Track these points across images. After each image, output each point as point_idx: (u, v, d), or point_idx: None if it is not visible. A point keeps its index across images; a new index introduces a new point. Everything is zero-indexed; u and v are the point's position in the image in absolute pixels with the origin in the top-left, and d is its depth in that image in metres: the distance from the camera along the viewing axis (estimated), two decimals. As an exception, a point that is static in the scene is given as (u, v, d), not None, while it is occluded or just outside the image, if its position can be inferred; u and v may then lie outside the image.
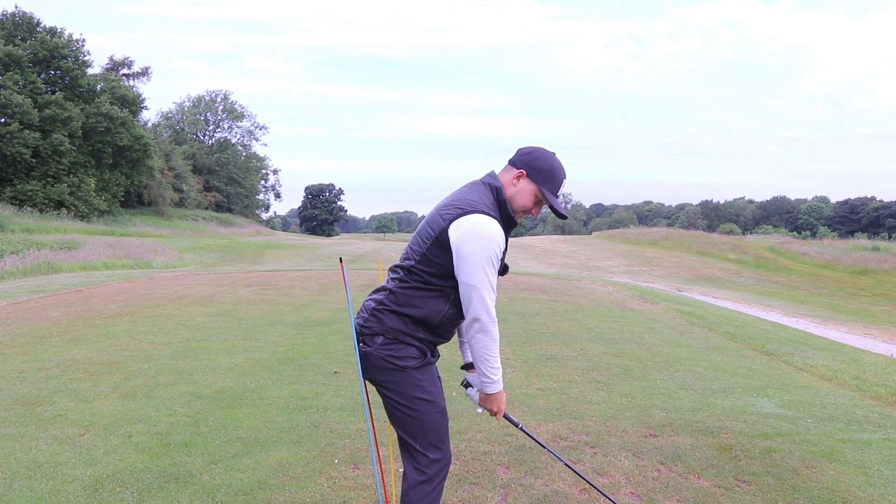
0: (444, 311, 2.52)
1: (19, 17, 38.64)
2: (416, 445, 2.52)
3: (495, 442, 4.30)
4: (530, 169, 2.53)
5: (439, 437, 2.54)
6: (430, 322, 2.53)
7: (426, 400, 2.53)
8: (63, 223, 31.44)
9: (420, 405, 2.52)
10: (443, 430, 2.56)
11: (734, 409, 5.24)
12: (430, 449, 2.52)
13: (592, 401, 5.33)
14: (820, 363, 7.38)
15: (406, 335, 2.53)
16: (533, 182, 2.53)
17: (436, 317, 2.52)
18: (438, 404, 2.55)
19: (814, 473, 3.89)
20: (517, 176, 2.54)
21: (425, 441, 2.52)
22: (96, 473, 3.73)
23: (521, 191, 2.54)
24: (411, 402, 2.52)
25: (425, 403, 2.52)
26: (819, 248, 38.06)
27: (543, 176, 2.53)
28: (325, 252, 32.78)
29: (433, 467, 2.51)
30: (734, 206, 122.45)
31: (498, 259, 2.43)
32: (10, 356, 6.72)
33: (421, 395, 2.52)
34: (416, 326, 2.53)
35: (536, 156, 2.55)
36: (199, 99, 67.55)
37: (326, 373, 6.08)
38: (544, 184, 2.53)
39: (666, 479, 3.79)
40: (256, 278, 15.29)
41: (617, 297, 13.63)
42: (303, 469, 3.83)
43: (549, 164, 2.54)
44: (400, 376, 2.52)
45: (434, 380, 2.59)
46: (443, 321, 2.54)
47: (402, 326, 2.53)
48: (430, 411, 2.52)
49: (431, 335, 2.57)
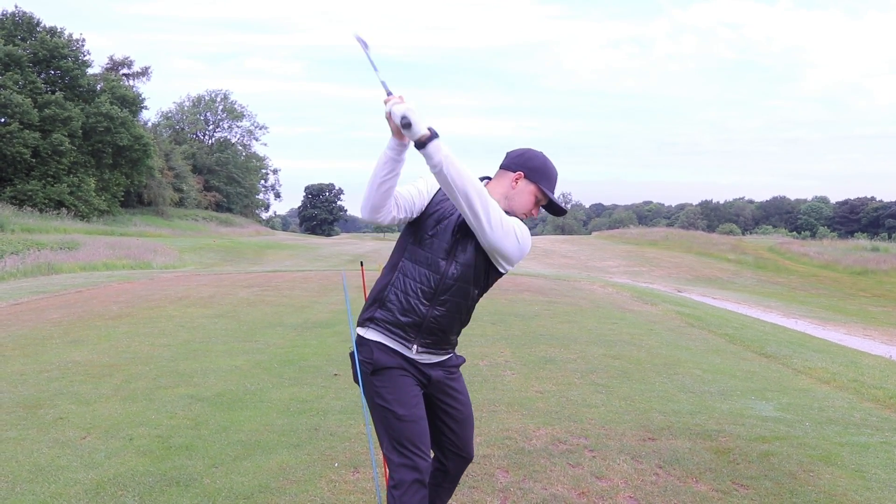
0: (390, 280, 2.52)
1: (19, 17, 38.66)
2: (383, 447, 2.52)
3: (494, 445, 4.32)
4: (526, 169, 2.56)
5: (401, 443, 2.44)
6: (380, 297, 2.53)
7: (383, 407, 2.49)
8: (63, 223, 31.46)
9: (379, 411, 2.51)
10: (406, 436, 2.45)
11: (732, 412, 5.26)
12: (392, 453, 2.46)
13: (591, 404, 5.36)
14: (818, 365, 7.40)
15: (364, 321, 2.56)
16: (531, 182, 2.56)
17: (384, 289, 2.53)
18: (395, 412, 2.46)
19: (811, 477, 3.91)
20: (515, 178, 2.56)
21: (388, 445, 2.48)
22: (98, 477, 3.75)
23: (520, 192, 2.57)
24: (373, 408, 2.54)
25: (382, 410, 2.49)
26: (819, 248, 38.10)
27: (540, 174, 2.57)
28: (325, 252, 32.81)
29: (399, 472, 2.42)
30: (734, 206, 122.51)
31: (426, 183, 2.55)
32: (12, 358, 6.74)
33: (380, 402, 2.50)
34: (372, 307, 2.55)
35: (529, 156, 2.59)
36: (199, 99, 67.59)
37: (326, 375, 6.10)
38: (542, 181, 2.57)
39: (664, 483, 3.81)
40: (256, 279, 15.32)
41: (616, 298, 13.66)
42: (303, 473, 3.85)
43: (542, 162, 2.59)
44: (365, 381, 2.54)
45: (393, 385, 2.50)
46: (391, 293, 2.51)
47: (363, 312, 2.58)
48: (386, 417, 2.48)
49: (385, 312, 2.51)
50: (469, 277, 2.51)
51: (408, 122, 2.18)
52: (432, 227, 2.49)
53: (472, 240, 2.47)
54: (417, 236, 2.51)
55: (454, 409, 2.68)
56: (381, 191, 2.33)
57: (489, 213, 2.35)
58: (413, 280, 2.49)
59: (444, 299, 2.49)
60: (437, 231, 2.49)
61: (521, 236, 2.48)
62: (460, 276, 2.49)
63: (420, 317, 2.49)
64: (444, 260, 2.48)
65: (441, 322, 2.52)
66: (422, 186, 2.52)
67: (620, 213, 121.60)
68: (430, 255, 2.48)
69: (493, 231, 2.37)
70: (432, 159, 2.22)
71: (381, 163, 2.31)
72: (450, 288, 2.49)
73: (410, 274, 2.50)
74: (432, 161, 2.23)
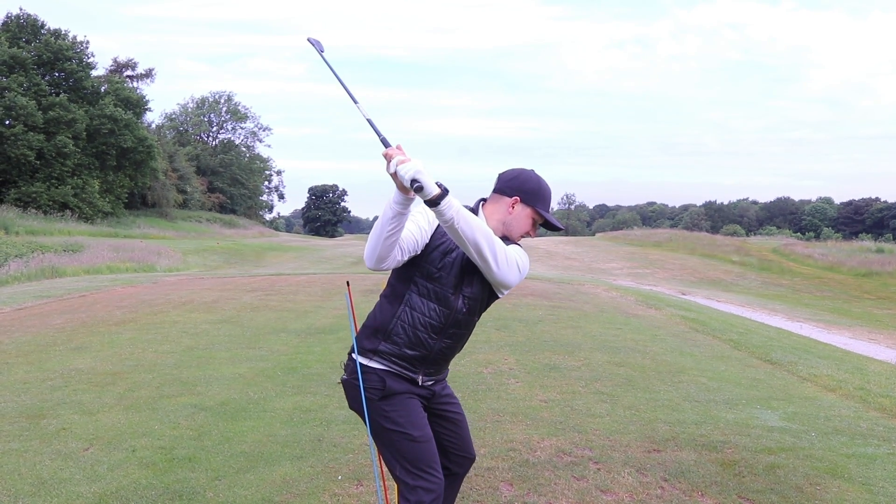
0: (396, 313, 2.49)
1: (24, 20, 38.76)
2: (395, 472, 2.51)
3: (498, 457, 4.29)
4: (522, 193, 2.57)
5: (416, 465, 2.47)
6: (385, 329, 2.51)
7: (395, 431, 2.49)
8: (67, 225, 31.55)
9: (389, 435, 2.50)
10: (419, 457, 2.48)
11: (738, 422, 5.23)
12: (407, 476, 2.47)
13: (596, 413, 5.33)
14: (824, 372, 7.36)
15: (366, 352, 2.52)
16: (528, 206, 2.57)
17: (389, 321, 2.50)
18: (410, 434, 2.48)
19: (818, 491, 3.88)
20: (511, 203, 2.57)
21: (401, 469, 2.49)
22: (100, 490, 3.74)
23: (517, 216, 2.58)
24: (381, 433, 2.52)
25: (393, 434, 2.49)
26: (823, 249, 37.91)
27: (536, 197, 2.58)
28: (329, 254, 32.81)
29: (415, 494, 2.45)
30: (738, 207, 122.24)
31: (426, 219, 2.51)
32: (15, 365, 6.74)
33: (390, 425, 2.49)
34: (374, 339, 2.52)
35: (523, 178, 2.58)
36: (203, 100, 67.68)
37: (330, 383, 6.08)
38: (538, 204, 2.58)
39: (669, 497, 3.79)
40: (260, 283, 15.31)
41: (620, 302, 13.62)
42: (306, 485, 3.83)
43: (537, 183, 2.59)
44: (370, 406, 2.51)
45: (404, 409, 2.52)
46: (397, 327, 2.49)
47: (363, 342, 2.54)
48: (399, 440, 2.49)
49: (391, 346, 2.50)
50: (475, 309, 2.57)
51: (419, 185, 2.18)
52: (439, 261, 2.48)
53: (477, 273, 2.48)
54: (424, 270, 2.49)
55: (452, 412, 2.74)
56: (388, 243, 2.33)
57: (496, 254, 2.37)
58: (422, 314, 2.49)
59: (451, 332, 2.53)
60: (444, 265, 2.48)
61: (522, 266, 2.52)
62: (469, 310, 2.53)
63: (428, 350, 2.52)
64: (453, 294, 2.49)
65: (446, 353, 2.58)
66: (422, 222, 2.48)
67: (624, 215, 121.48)
68: (439, 289, 2.48)
69: (499, 270, 2.40)
70: (444, 216, 2.23)
71: (388, 217, 2.28)
72: (459, 322, 2.53)
73: (419, 308, 2.49)
74: (444, 217, 2.23)
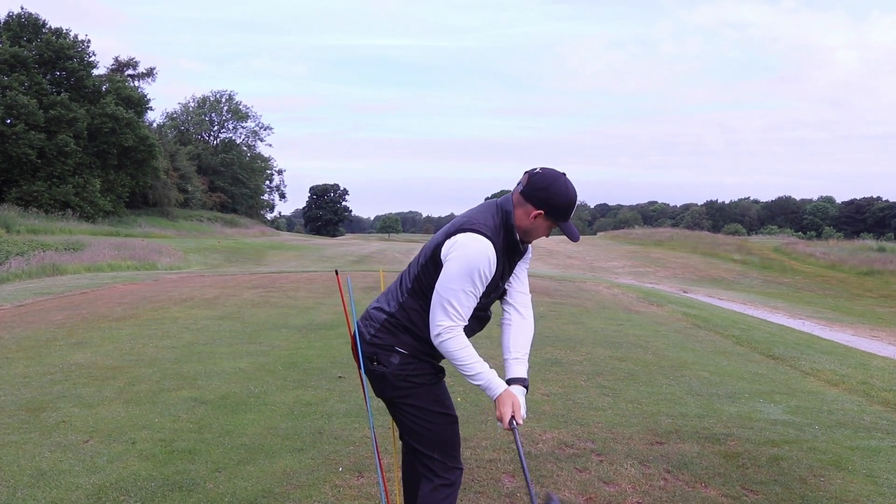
0: None
1: (25, 19, 38.79)
2: (433, 455, 2.58)
3: (500, 450, 4.27)
4: (548, 208, 2.44)
5: (454, 447, 2.63)
6: (426, 337, 2.53)
7: (444, 413, 2.61)
8: (68, 224, 31.58)
9: (438, 419, 2.61)
10: (458, 440, 2.66)
11: (741, 415, 5.20)
12: (447, 458, 2.60)
13: (598, 407, 5.30)
14: (826, 367, 7.33)
15: (420, 352, 2.58)
16: (549, 219, 2.49)
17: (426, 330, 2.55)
18: (453, 416, 2.65)
19: (822, 482, 3.85)
20: (535, 215, 2.46)
21: (443, 452, 2.59)
22: (100, 481, 3.72)
23: (537, 227, 2.51)
24: (431, 417, 2.59)
25: (443, 416, 2.61)
26: (824, 248, 37.88)
27: (561, 215, 2.47)
28: (330, 253, 32.80)
29: (452, 474, 2.60)
30: (739, 206, 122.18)
31: (481, 279, 2.41)
32: (15, 360, 6.72)
33: (440, 409, 2.61)
34: (428, 345, 2.55)
35: (553, 193, 2.42)
36: (204, 100, 67.73)
37: (331, 377, 6.06)
38: (560, 219, 2.49)
39: (672, 489, 3.76)
40: (261, 280, 15.30)
41: (622, 299, 13.59)
42: (307, 477, 3.81)
43: (566, 199, 2.44)
44: (419, 392, 2.58)
45: (448, 393, 2.69)
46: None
47: (415, 344, 2.57)
48: (446, 423, 2.61)
49: (430, 347, 2.56)
50: None
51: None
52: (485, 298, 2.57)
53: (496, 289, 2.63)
54: None
55: None
56: None
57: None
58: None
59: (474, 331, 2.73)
60: (490, 301, 2.64)
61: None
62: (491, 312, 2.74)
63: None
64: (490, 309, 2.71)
65: None
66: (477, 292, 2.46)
67: (625, 214, 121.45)
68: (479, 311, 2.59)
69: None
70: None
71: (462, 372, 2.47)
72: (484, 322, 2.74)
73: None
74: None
